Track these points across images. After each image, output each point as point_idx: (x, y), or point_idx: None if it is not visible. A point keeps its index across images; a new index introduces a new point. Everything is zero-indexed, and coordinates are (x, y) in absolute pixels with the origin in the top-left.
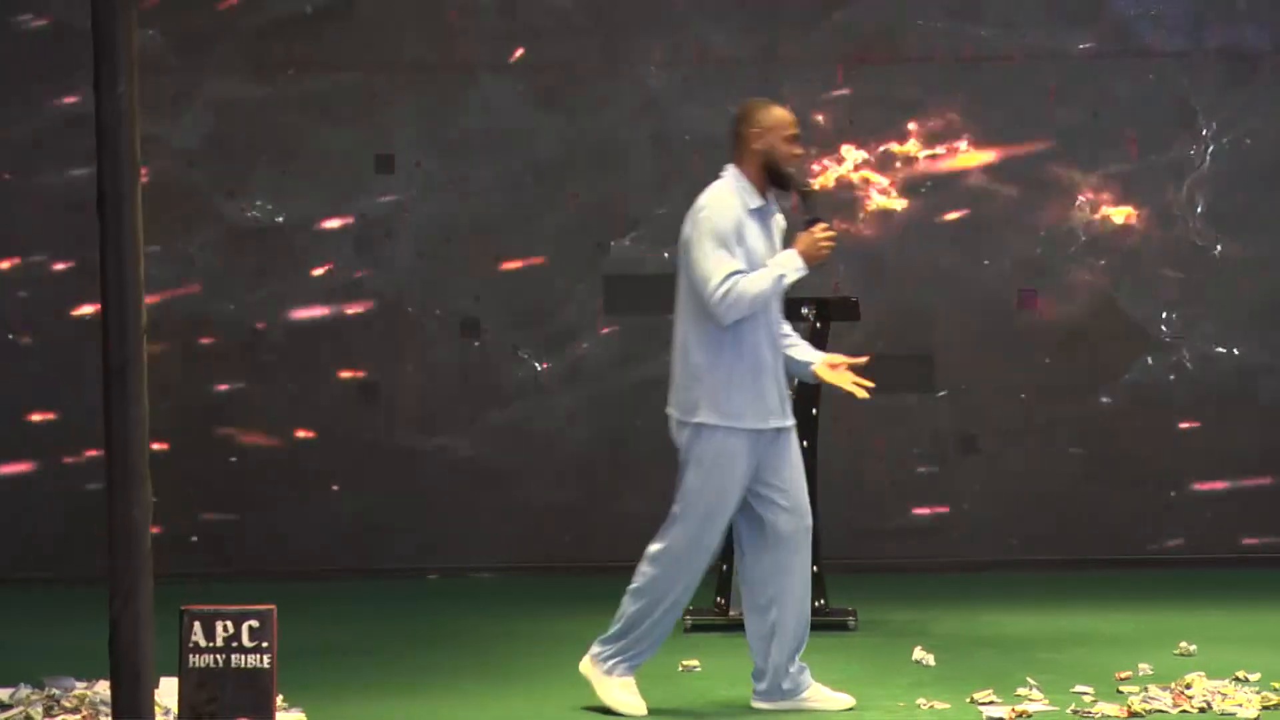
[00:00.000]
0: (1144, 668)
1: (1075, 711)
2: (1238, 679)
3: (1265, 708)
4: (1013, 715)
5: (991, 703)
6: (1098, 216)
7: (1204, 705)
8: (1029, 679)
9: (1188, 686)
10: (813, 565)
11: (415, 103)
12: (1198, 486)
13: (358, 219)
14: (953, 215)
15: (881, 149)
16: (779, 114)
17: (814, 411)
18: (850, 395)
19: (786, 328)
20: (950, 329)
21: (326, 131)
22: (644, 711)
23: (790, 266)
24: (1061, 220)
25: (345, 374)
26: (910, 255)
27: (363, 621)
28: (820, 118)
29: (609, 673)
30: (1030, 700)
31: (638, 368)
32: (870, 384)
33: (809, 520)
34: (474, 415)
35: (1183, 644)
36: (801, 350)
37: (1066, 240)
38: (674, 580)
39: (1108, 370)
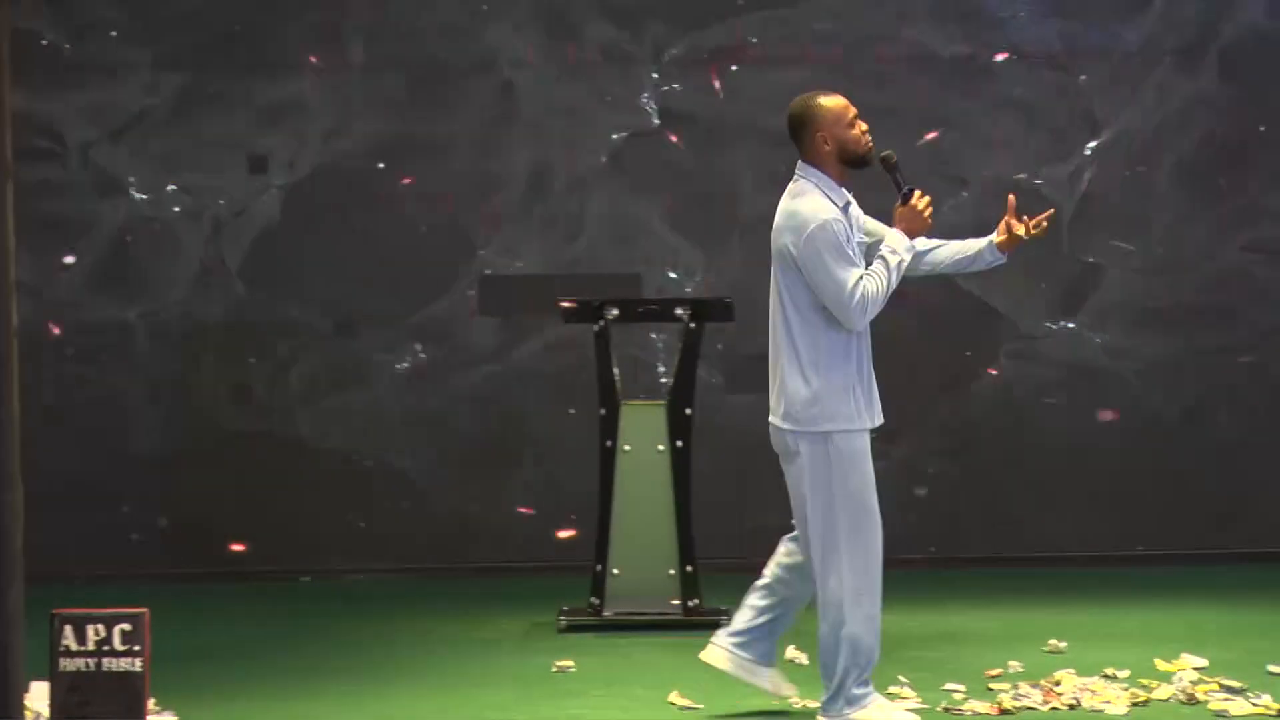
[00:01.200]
0: (1014, 665)
1: (946, 709)
2: (1107, 676)
3: (1134, 704)
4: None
5: None
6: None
7: (1073, 702)
8: (900, 677)
9: (1057, 684)
10: (686, 565)
11: None
12: (1069, 486)
13: None
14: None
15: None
16: (832, 104)
17: (688, 411)
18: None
19: (946, 243)
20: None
21: None
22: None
23: (902, 247)
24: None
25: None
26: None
27: (235, 624)
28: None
29: (868, 702)
30: (902, 698)
31: (518, 364)
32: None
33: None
34: (346, 412)
35: (1052, 641)
36: (964, 244)
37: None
38: (862, 598)
39: (981, 367)
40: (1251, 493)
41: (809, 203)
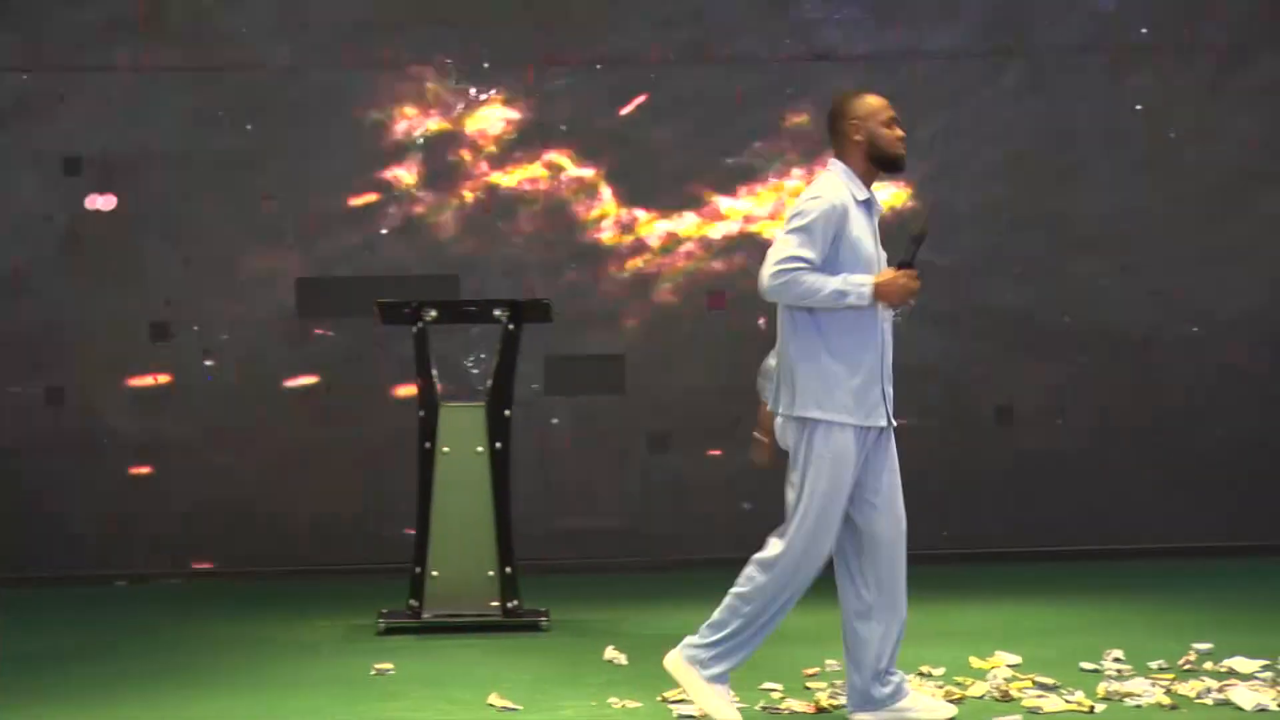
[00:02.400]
0: (831, 664)
1: (764, 708)
2: (922, 673)
3: (949, 701)
4: (703, 713)
5: (682, 701)
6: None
7: None
8: None
9: None
10: (506, 566)
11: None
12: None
13: None
14: (657, 214)
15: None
16: (872, 101)
17: (506, 413)
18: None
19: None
20: (640, 329)
21: None
22: (738, 718)
23: (856, 291)
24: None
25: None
26: (608, 255)
27: (51, 629)
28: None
29: (710, 677)
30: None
31: (318, 372)
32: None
33: (904, 525)
34: (159, 408)
35: None
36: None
37: (756, 242)
38: (786, 584)
39: None
40: (1059, 495)
41: (825, 182)
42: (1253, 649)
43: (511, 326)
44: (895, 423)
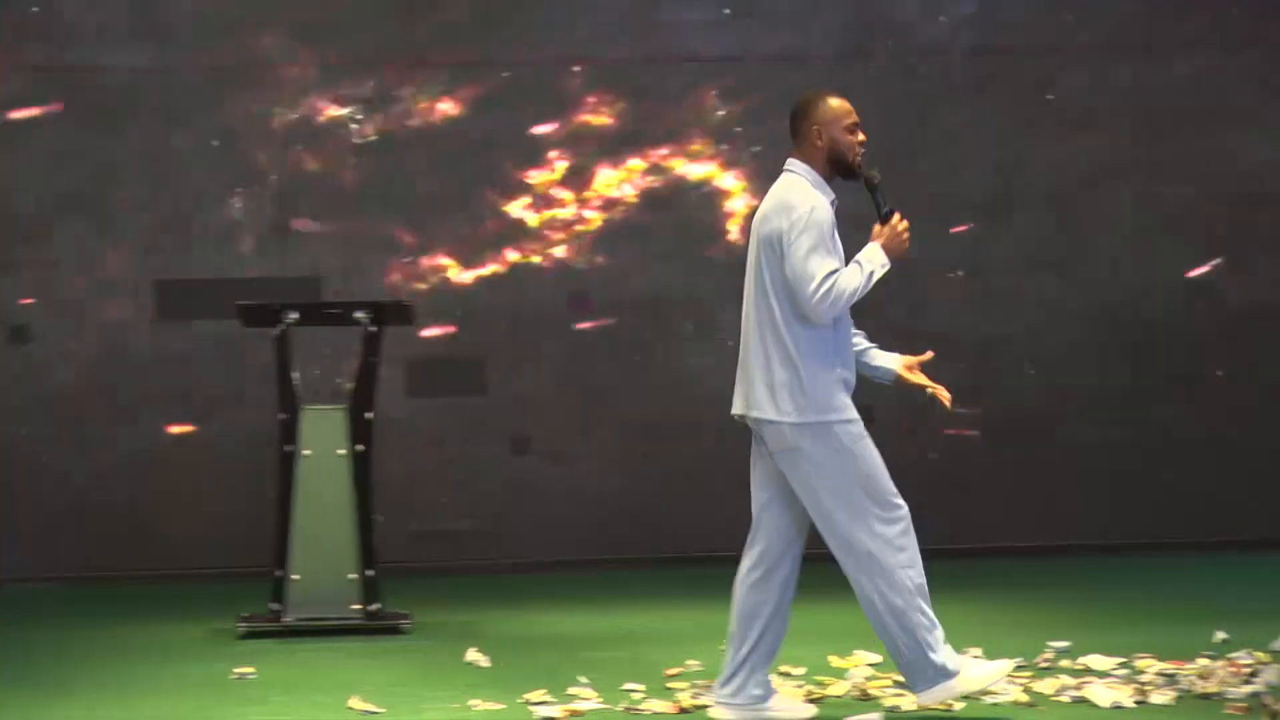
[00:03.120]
0: (693, 664)
1: (627, 709)
2: (783, 673)
3: (809, 700)
4: (565, 714)
5: (544, 702)
6: (648, 217)
7: None
8: (581, 678)
9: None
10: (367, 569)
11: None
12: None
13: None
14: (522, 216)
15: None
16: (836, 105)
17: (368, 415)
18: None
19: (857, 335)
20: (504, 331)
21: None
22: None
23: (877, 262)
24: (610, 224)
25: None
26: (470, 257)
27: None
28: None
29: (954, 671)
30: (582, 699)
31: (179, 375)
32: (947, 396)
33: None
34: (33, 413)
35: None
36: (878, 355)
37: (624, 246)
38: (892, 575)
39: (666, 370)
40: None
41: (800, 191)
42: (1108, 647)
43: (373, 329)
44: None
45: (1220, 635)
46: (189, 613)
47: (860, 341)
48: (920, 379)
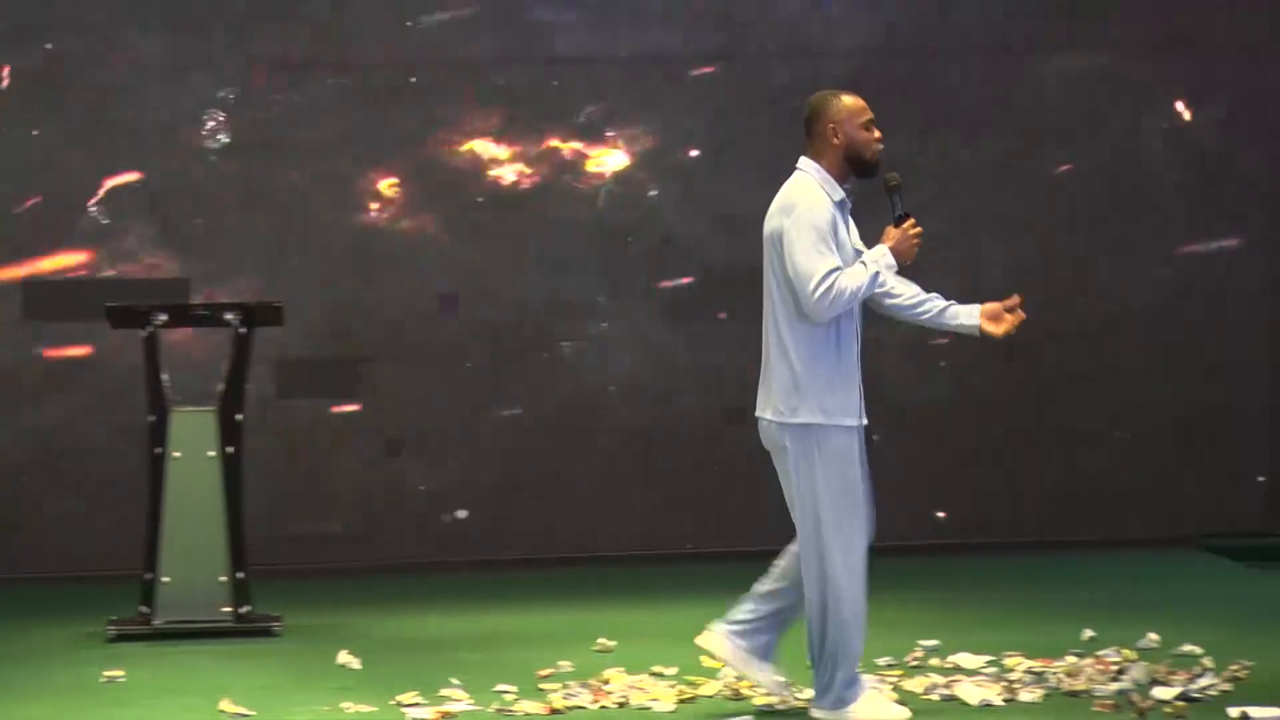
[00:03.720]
0: (564, 665)
1: (498, 710)
2: (655, 673)
3: (681, 701)
4: (437, 716)
5: (416, 704)
6: (517, 219)
7: (622, 700)
8: (452, 679)
9: (607, 682)
10: (238, 572)
11: None
12: (623, 488)
13: None
14: (390, 216)
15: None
16: (850, 103)
17: (238, 417)
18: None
19: (920, 295)
20: (377, 333)
21: None
22: (908, 714)
23: (884, 263)
24: (484, 227)
25: None
26: (339, 259)
27: None
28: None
29: (858, 693)
30: (454, 700)
31: (46, 376)
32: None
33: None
34: None
35: (601, 640)
36: (958, 310)
37: (490, 249)
38: (835, 587)
39: (539, 371)
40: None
41: (803, 190)
42: (977, 646)
43: (243, 330)
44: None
45: (1088, 633)
46: (57, 616)
47: (937, 302)
48: (1004, 327)
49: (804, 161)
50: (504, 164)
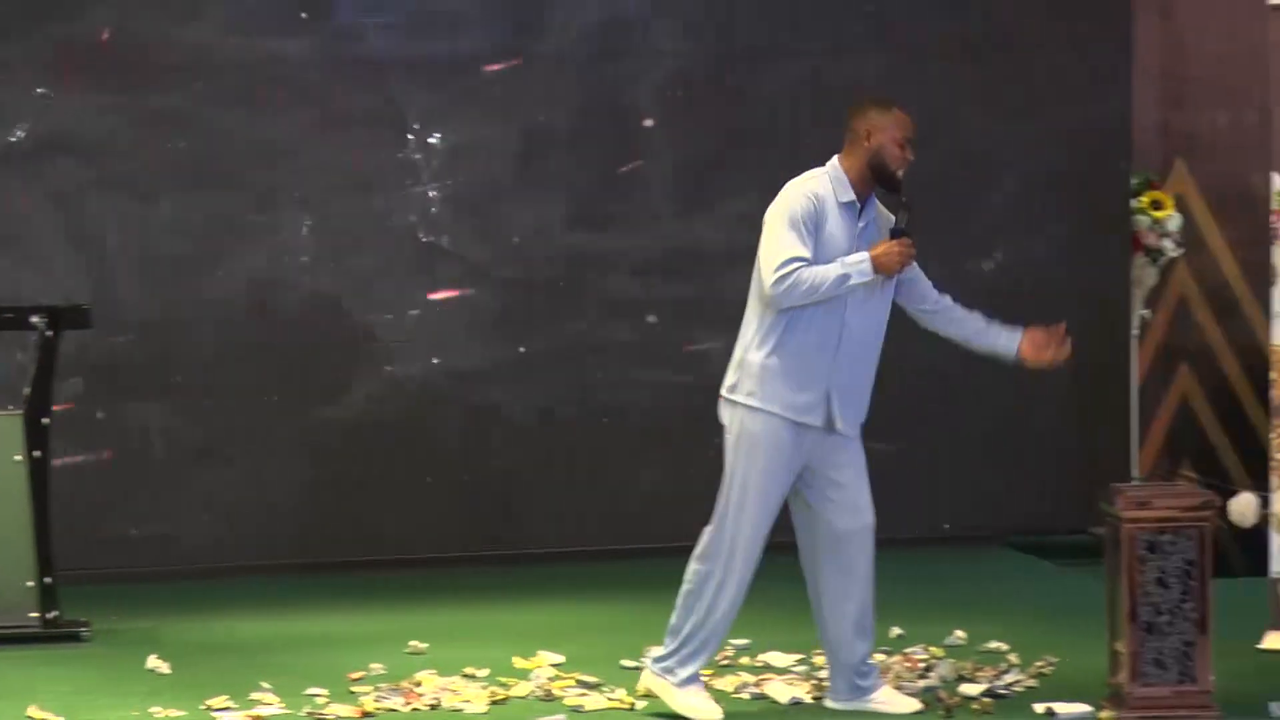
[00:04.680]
0: (376, 667)
1: (310, 713)
2: (467, 675)
3: (493, 702)
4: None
5: (227, 709)
6: (330, 224)
7: (435, 702)
8: (263, 683)
9: (419, 684)
10: (45, 577)
11: None
12: (435, 489)
13: None
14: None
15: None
16: (896, 115)
17: (45, 421)
18: None
19: (971, 316)
20: (187, 337)
21: None
22: (719, 714)
23: (856, 269)
24: (294, 230)
25: None
26: (153, 261)
27: None
28: None
29: (681, 682)
30: (265, 704)
31: None
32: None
33: (867, 518)
34: None
35: (413, 642)
36: (999, 334)
37: (299, 249)
38: (712, 578)
39: (346, 371)
40: (601, 496)
41: (802, 181)
42: (787, 644)
43: (50, 333)
44: (844, 429)
45: (896, 631)
46: None
47: (978, 323)
48: (1048, 356)
49: (833, 159)
50: (318, 167)
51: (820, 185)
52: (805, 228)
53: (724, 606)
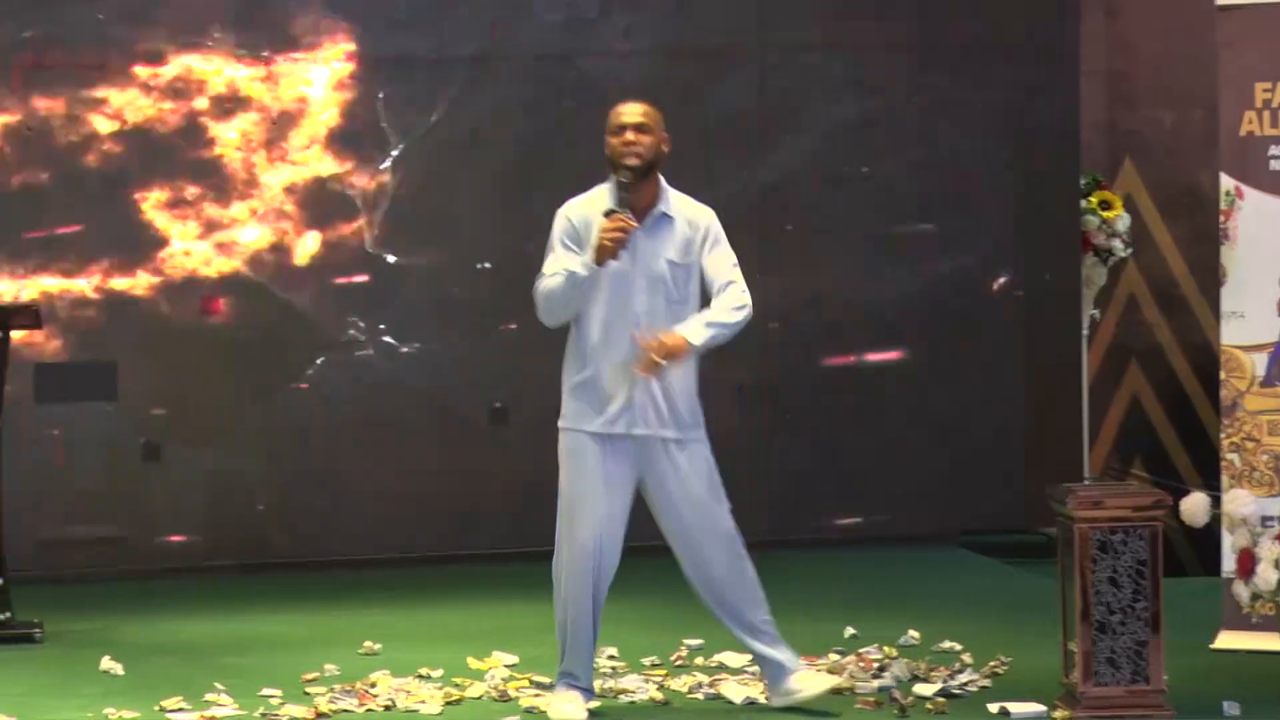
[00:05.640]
0: (330, 668)
1: (264, 714)
2: (421, 676)
3: (448, 703)
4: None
5: (181, 710)
6: (284, 227)
7: (389, 703)
8: (217, 684)
9: (373, 685)
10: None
11: None
12: (384, 488)
13: None
14: (154, 218)
15: None
16: (612, 111)
17: None
18: None
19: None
20: (132, 335)
21: None
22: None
23: (578, 263)
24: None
25: None
26: (104, 260)
27: None
28: None
29: (558, 682)
30: (219, 705)
31: None
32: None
33: (711, 522)
34: None
35: (367, 643)
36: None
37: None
38: (559, 585)
39: (291, 373)
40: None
41: (578, 198)
42: (740, 645)
43: (1, 334)
44: (653, 433)
45: (850, 630)
46: None
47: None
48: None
49: None
50: (278, 168)
51: (589, 200)
52: (560, 242)
53: (576, 615)
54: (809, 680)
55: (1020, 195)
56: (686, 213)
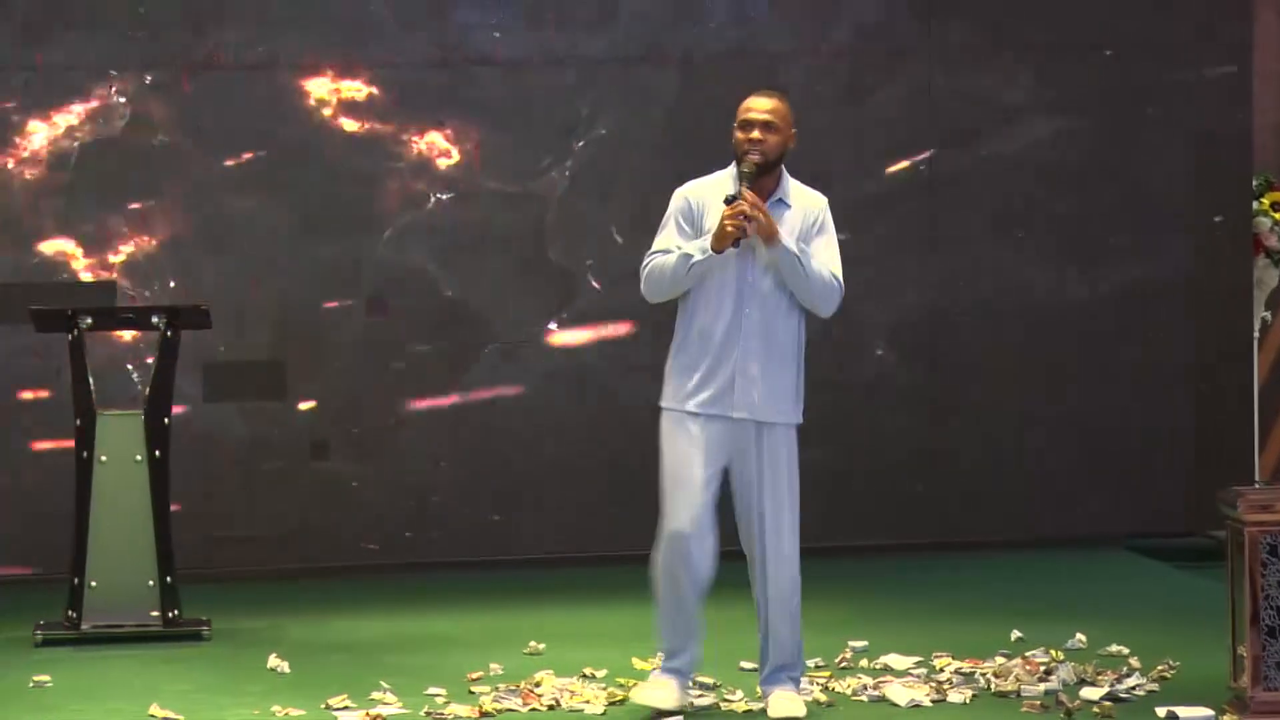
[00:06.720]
0: (495, 668)
1: (428, 713)
2: (585, 676)
3: (611, 703)
4: (367, 719)
5: (346, 708)
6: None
7: (553, 703)
8: (382, 683)
9: (537, 685)
10: (166, 576)
11: None
12: (550, 490)
13: None
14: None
15: None
16: (743, 103)
17: (165, 420)
18: None
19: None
20: (302, 334)
21: None
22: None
23: (697, 248)
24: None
25: None
26: (262, 260)
27: None
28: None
29: (661, 670)
30: (384, 704)
31: None
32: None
33: (777, 518)
34: None
35: (532, 643)
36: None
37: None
38: (657, 568)
39: (457, 374)
40: None
41: (699, 179)
42: (906, 646)
43: (169, 333)
44: (755, 417)
45: (1016, 634)
46: None
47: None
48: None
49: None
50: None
51: (710, 181)
52: (674, 220)
53: (675, 604)
54: (782, 704)
55: (1191, 196)
56: (802, 201)
